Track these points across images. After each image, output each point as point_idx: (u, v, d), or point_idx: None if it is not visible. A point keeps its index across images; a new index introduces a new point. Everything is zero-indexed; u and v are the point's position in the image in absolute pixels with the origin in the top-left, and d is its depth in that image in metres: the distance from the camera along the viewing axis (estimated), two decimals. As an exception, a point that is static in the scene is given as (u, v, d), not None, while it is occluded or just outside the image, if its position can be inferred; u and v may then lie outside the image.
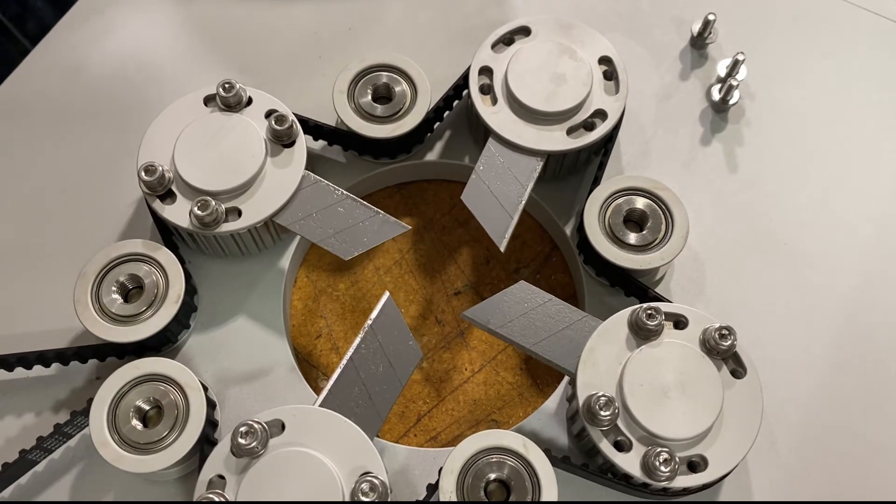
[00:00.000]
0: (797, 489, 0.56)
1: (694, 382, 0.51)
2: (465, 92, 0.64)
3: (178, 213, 0.57)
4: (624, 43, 0.69)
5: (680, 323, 0.53)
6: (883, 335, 0.60)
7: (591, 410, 0.50)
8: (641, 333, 0.52)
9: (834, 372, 0.59)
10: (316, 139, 0.64)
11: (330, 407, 0.51)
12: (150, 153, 0.58)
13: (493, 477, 0.50)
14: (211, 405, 0.55)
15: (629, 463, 0.50)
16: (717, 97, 0.67)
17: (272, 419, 0.50)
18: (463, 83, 0.63)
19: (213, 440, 0.54)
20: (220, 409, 0.57)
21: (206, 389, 0.54)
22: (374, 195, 0.67)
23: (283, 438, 0.50)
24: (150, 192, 0.57)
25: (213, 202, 0.56)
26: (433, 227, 0.67)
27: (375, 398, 0.52)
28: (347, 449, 0.50)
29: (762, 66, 0.69)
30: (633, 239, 0.57)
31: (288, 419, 0.50)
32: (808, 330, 0.60)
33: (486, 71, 0.61)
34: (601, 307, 0.60)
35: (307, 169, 0.58)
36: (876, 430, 0.57)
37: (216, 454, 0.49)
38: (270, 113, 0.59)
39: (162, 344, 0.58)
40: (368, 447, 0.50)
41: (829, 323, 0.60)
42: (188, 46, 0.71)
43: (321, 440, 0.50)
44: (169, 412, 0.53)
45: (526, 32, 0.62)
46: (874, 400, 0.58)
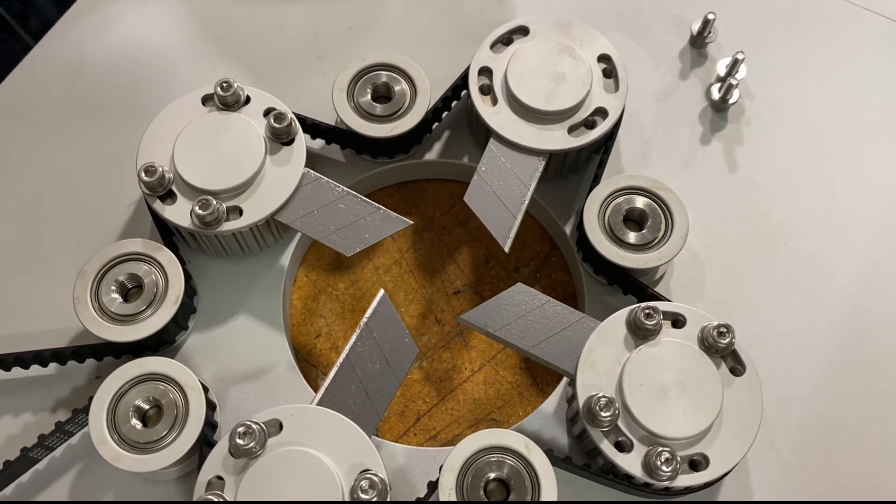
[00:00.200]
0: (797, 489, 0.56)
1: (693, 381, 0.51)
2: (463, 93, 0.64)
3: (178, 213, 0.57)
4: (624, 42, 0.69)
5: (678, 322, 0.53)
6: (883, 334, 0.60)
7: (591, 412, 0.50)
8: (640, 333, 0.52)
9: (834, 371, 0.59)
10: (314, 138, 0.64)
11: (327, 405, 0.51)
12: (149, 154, 0.58)
13: (492, 476, 0.50)
14: (211, 406, 0.55)
15: (631, 463, 0.50)
16: (716, 96, 0.66)
17: (270, 419, 0.50)
18: (461, 84, 0.63)
19: (212, 442, 0.54)
20: (219, 408, 0.57)
21: (206, 391, 0.54)
22: (373, 194, 0.67)
23: (281, 438, 0.50)
24: (150, 192, 0.57)
25: (214, 201, 0.56)
26: (433, 226, 0.67)
27: (373, 395, 0.52)
28: (346, 447, 0.49)
29: (762, 65, 0.69)
30: (632, 238, 0.57)
31: (286, 419, 0.50)
32: (807, 329, 0.60)
33: (485, 71, 0.61)
34: (601, 306, 0.60)
35: (306, 168, 0.58)
36: (876, 429, 0.57)
37: (215, 455, 0.49)
38: (269, 111, 0.59)
39: (160, 344, 0.58)
40: (367, 445, 0.50)
41: (828, 322, 0.60)
42: (188, 45, 0.71)
43: (319, 439, 0.50)
44: (168, 412, 0.52)
45: (524, 32, 0.62)
46: (874, 399, 0.58)
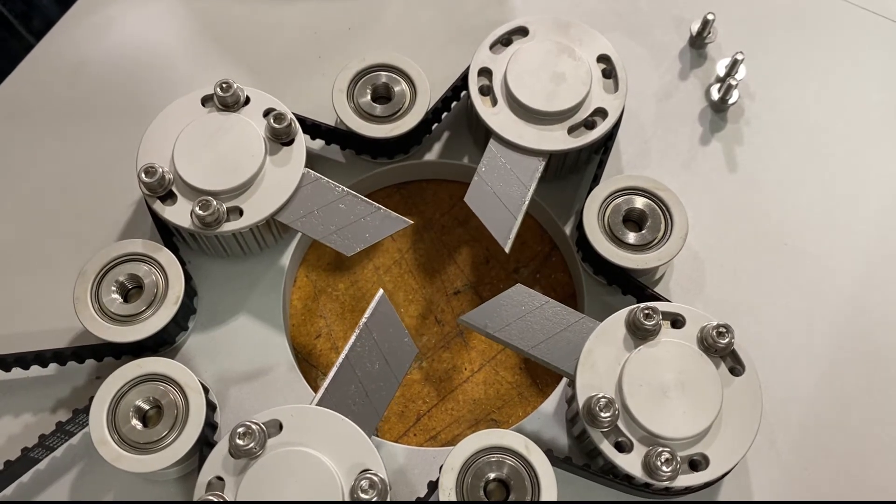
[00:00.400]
0: (797, 489, 0.56)
1: (693, 381, 0.51)
2: (463, 93, 0.64)
3: (179, 213, 0.57)
4: (623, 43, 0.69)
5: (677, 322, 0.53)
6: (883, 334, 0.60)
7: (591, 412, 0.50)
8: (639, 333, 0.52)
9: (834, 371, 0.59)
10: (314, 138, 0.64)
11: (327, 405, 0.51)
12: (149, 154, 0.58)
13: (492, 476, 0.50)
14: (211, 407, 0.55)
15: (631, 464, 0.50)
16: (716, 97, 0.66)
17: (270, 419, 0.50)
18: (461, 84, 0.63)
19: (212, 442, 0.54)
20: (219, 409, 0.57)
21: (206, 391, 0.54)
22: (373, 195, 0.67)
23: (281, 438, 0.50)
24: (150, 193, 0.57)
25: (214, 202, 0.56)
26: (433, 226, 0.67)
27: (372, 395, 0.52)
28: (346, 447, 0.49)
29: (761, 65, 0.69)
30: (632, 238, 0.57)
31: (285, 419, 0.50)
32: (807, 329, 0.60)
33: (485, 72, 0.61)
34: (601, 307, 0.60)
35: (306, 168, 0.58)
36: (876, 428, 0.57)
37: (215, 455, 0.49)
38: (269, 111, 0.59)
39: (159, 345, 0.58)
40: (367, 445, 0.50)
41: (828, 322, 0.60)
42: (189, 45, 0.71)
43: (319, 439, 0.50)
44: (168, 412, 0.53)
45: (524, 33, 0.62)
46: (874, 399, 0.58)
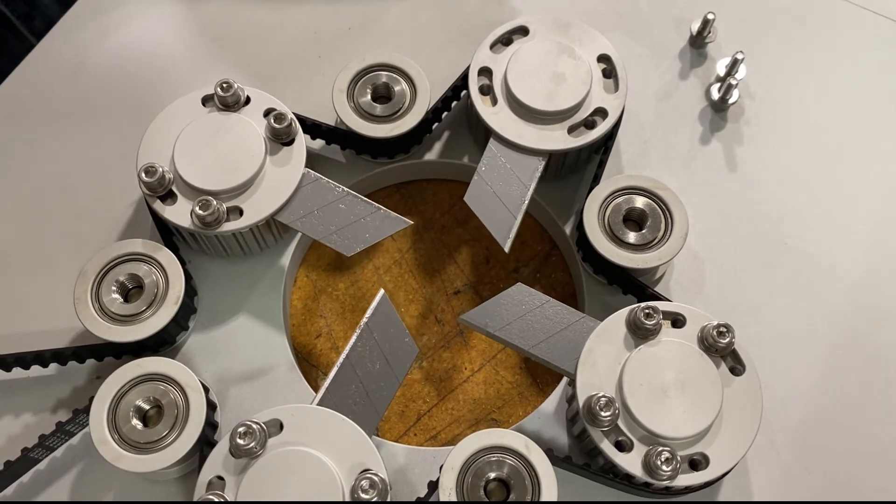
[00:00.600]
0: (797, 489, 0.56)
1: (693, 380, 0.51)
2: (463, 93, 0.64)
3: (179, 213, 0.57)
4: (623, 42, 0.69)
5: (678, 321, 0.53)
6: (883, 334, 0.60)
7: (591, 411, 0.50)
8: (640, 333, 0.52)
9: (833, 371, 0.59)
10: (314, 138, 0.64)
11: (327, 405, 0.51)
12: (149, 154, 0.58)
13: (492, 476, 0.50)
14: (211, 406, 0.55)
15: (631, 463, 0.50)
16: (716, 96, 0.67)
17: (270, 419, 0.50)
18: (461, 84, 0.63)
19: (213, 442, 0.54)
20: (220, 408, 0.57)
21: (206, 391, 0.54)
22: (373, 195, 0.67)
23: (281, 438, 0.50)
24: (150, 193, 0.57)
25: (214, 202, 0.56)
26: (433, 226, 0.67)
27: (373, 395, 0.52)
28: (346, 447, 0.49)
29: (761, 65, 0.69)
30: (632, 238, 0.57)
31: (286, 418, 0.50)
32: (807, 329, 0.60)
33: (485, 71, 0.61)
34: (601, 306, 0.60)
35: (306, 168, 0.58)
36: (876, 428, 0.57)
37: (215, 455, 0.49)
38: (269, 111, 0.59)
39: (160, 345, 0.58)
40: (367, 444, 0.50)
41: (828, 322, 0.60)
42: (189, 45, 0.71)
43: (320, 439, 0.50)
44: (169, 412, 0.53)
45: (524, 32, 0.62)
46: (874, 399, 0.58)
